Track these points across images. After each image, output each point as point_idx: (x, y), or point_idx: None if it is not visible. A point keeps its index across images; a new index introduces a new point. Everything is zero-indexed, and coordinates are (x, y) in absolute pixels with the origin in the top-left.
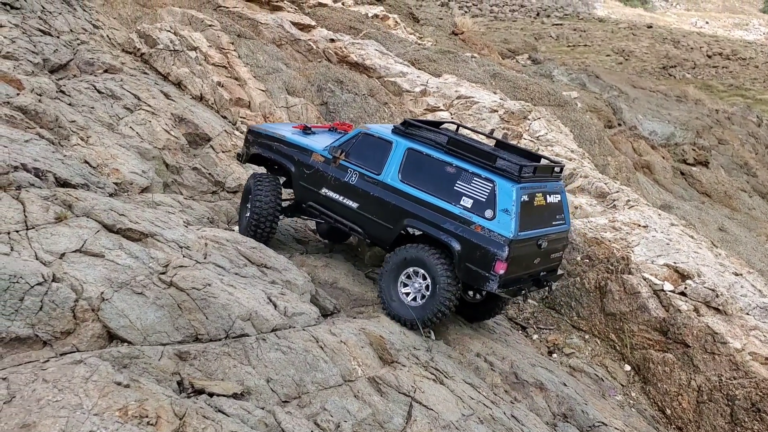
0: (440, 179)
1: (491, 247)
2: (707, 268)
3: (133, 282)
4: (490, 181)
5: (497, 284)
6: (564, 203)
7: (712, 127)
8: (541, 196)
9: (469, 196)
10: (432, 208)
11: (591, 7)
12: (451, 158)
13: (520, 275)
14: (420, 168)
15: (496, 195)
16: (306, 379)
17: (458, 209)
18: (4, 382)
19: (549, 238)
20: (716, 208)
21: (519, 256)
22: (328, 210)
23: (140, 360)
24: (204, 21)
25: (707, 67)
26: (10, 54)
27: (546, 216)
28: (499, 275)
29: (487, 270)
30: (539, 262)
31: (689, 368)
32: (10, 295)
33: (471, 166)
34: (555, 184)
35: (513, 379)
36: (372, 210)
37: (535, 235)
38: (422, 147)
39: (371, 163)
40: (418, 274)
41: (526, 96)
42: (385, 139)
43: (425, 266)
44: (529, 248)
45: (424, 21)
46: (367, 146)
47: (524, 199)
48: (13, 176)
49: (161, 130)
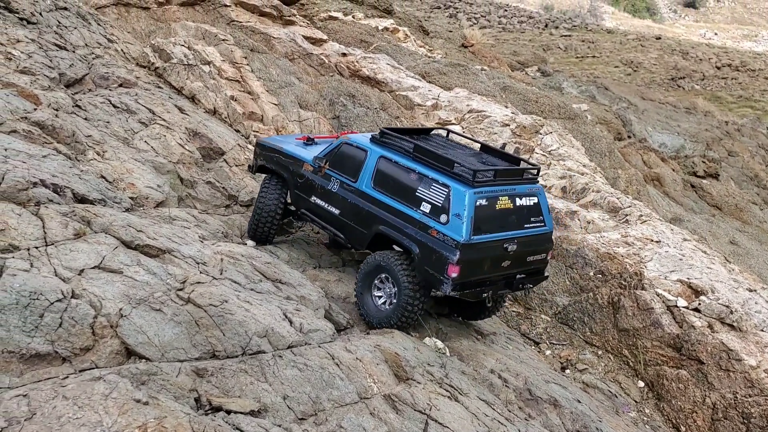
0: (405, 185)
1: (444, 251)
2: (721, 284)
3: (151, 298)
4: (446, 186)
5: (450, 287)
6: (542, 205)
7: (722, 139)
8: (506, 199)
9: (428, 201)
10: (398, 213)
11: (599, 19)
12: (416, 164)
13: (482, 278)
14: (389, 175)
15: (451, 200)
16: (322, 396)
17: (418, 214)
18: (25, 399)
19: (519, 241)
20: (727, 220)
21: (477, 260)
22: (317, 216)
23: (158, 377)
24: (217, 35)
25: (716, 78)
26: (27, 69)
27: (514, 219)
28: (451, 278)
29: (441, 273)
30: (510, 265)
31: (704, 385)
32: (30, 311)
33: (431, 172)
34: (528, 187)
35: (527, 396)
36: (350, 216)
37: (498, 239)
38: (392, 154)
39: (350, 171)
40: (388, 280)
41: (537, 109)
42: (362, 147)
43: (390, 271)
44: (491, 251)
45: (434, 33)
46: (347, 155)
47: (480, 203)
48: (33, 192)
49: (175, 144)
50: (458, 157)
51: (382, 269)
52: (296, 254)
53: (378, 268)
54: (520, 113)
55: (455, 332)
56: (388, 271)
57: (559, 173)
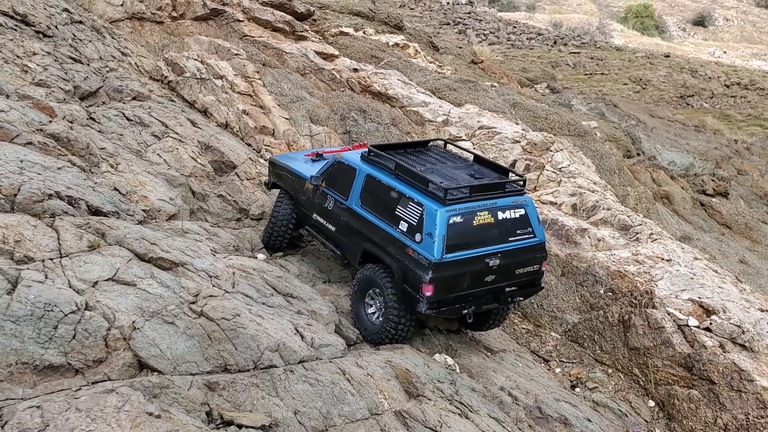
0: (387, 204)
1: (419, 271)
2: (732, 304)
3: (164, 311)
4: (420, 204)
5: (426, 306)
6: (531, 216)
7: (731, 158)
8: (485, 214)
9: (405, 219)
10: (380, 232)
11: (608, 36)
12: (396, 183)
13: (462, 295)
14: (374, 193)
15: (424, 218)
16: (333, 411)
17: (397, 233)
18: (38, 410)
19: (504, 254)
20: (736, 239)
21: (452, 277)
22: (318, 233)
23: (170, 390)
24: (230, 50)
25: (725, 96)
26: (43, 81)
27: (496, 233)
28: (426, 297)
29: (417, 292)
30: (496, 279)
31: (715, 405)
32: (45, 323)
33: (409, 190)
34: (513, 200)
35: (537, 414)
36: (344, 233)
37: (477, 255)
38: (377, 173)
39: (342, 189)
40: (378, 294)
41: (547, 126)
42: (352, 166)
43: (378, 287)
44: (469, 268)
45: (444, 50)
46: (340, 173)
47: (455, 221)
48: (48, 204)
49: (188, 158)
50: (444, 172)
51: (372, 283)
52: (306, 268)
53: (368, 283)
54: (531, 130)
55: (465, 349)
56: (377, 286)
57: (569, 190)
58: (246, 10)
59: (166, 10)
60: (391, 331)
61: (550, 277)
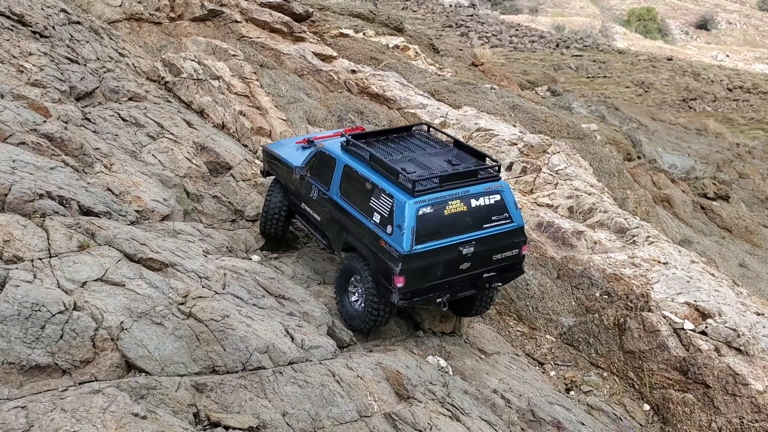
0: (363, 194)
1: (390, 263)
2: (728, 308)
3: (153, 312)
4: (391, 196)
5: (398, 297)
6: (507, 202)
7: (733, 161)
8: (458, 202)
9: (378, 211)
10: (358, 223)
11: (611, 39)
12: (371, 173)
13: (436, 284)
14: (351, 183)
15: (394, 210)
16: (322, 413)
17: (371, 224)
18: (23, 411)
19: (479, 241)
20: (737, 243)
21: (424, 268)
22: (306, 222)
23: (157, 391)
24: (228, 51)
25: (728, 100)
26: (39, 82)
27: (470, 221)
28: (398, 288)
29: (389, 283)
30: (472, 266)
31: (710, 409)
32: (32, 323)
33: (381, 181)
34: (487, 186)
35: (530, 417)
36: (327, 223)
37: (449, 244)
38: (354, 163)
39: (324, 179)
40: (359, 282)
41: (545, 128)
42: (332, 156)
43: (359, 275)
44: (442, 257)
45: (444, 52)
46: (322, 163)
47: (425, 212)
48: (38, 204)
49: (183, 158)
50: (420, 160)
51: (353, 272)
52: (301, 270)
53: (350, 271)
54: (528, 132)
55: (459, 351)
56: (358, 273)
57: (566, 193)
58: (244, 11)
59: (165, 11)
60: (371, 318)
61: (546, 280)
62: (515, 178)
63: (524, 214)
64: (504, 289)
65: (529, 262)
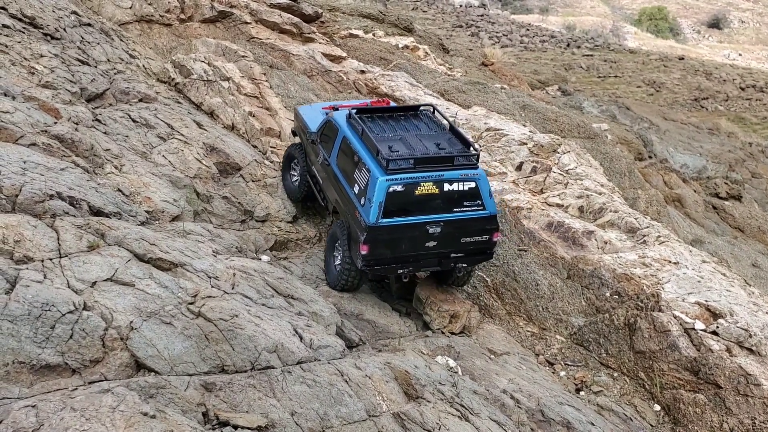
0: (351, 166)
1: (358, 231)
2: (740, 308)
3: (162, 312)
4: (369, 170)
5: (362, 263)
6: (482, 190)
7: (745, 161)
8: (430, 185)
9: (358, 183)
10: (343, 191)
11: (622, 39)
12: (360, 147)
13: (401, 256)
14: (345, 154)
15: (368, 184)
16: (330, 413)
17: (352, 194)
18: (34, 410)
19: (446, 223)
20: (749, 243)
21: (388, 240)
22: (315, 183)
23: (167, 390)
24: (237, 52)
25: (740, 99)
26: (50, 83)
27: (439, 203)
28: (362, 255)
29: (357, 250)
30: (438, 245)
31: (721, 410)
32: (42, 322)
33: (366, 156)
34: (463, 173)
35: (539, 417)
36: (326, 186)
37: (416, 222)
38: (351, 135)
39: (328, 147)
40: (340, 246)
41: (556, 128)
42: (336, 126)
43: (340, 240)
44: (408, 233)
45: (454, 52)
46: (329, 132)
47: (395, 189)
48: (49, 204)
49: (193, 159)
50: (409, 140)
51: (337, 236)
52: (310, 270)
53: (335, 235)
54: (539, 132)
55: (468, 351)
56: (339, 238)
57: (576, 192)
58: (253, 12)
59: (175, 12)
60: (342, 278)
61: (556, 280)
62: (525, 177)
63: (534, 214)
64: (514, 289)
65: (539, 262)
